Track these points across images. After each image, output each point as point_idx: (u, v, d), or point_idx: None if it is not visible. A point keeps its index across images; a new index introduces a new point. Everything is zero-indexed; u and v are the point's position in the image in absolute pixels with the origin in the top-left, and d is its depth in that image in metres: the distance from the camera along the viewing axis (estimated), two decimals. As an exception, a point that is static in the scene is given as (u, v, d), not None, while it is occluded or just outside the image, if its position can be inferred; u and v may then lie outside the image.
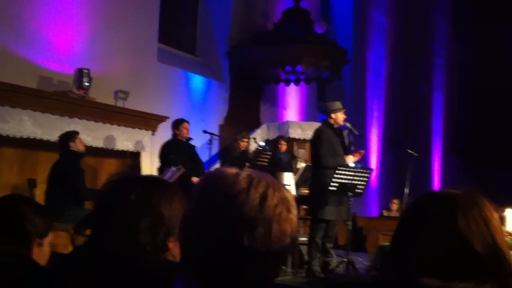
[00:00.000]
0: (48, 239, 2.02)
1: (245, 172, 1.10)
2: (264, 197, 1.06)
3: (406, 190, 9.15)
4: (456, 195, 1.20)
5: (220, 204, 1.05)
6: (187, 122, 7.44)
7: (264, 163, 8.06)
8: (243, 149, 7.95)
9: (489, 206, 1.20)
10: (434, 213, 1.18)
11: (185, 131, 7.33)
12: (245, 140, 7.97)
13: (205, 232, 1.05)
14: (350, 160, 6.21)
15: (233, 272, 1.04)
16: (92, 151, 6.92)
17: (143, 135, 7.78)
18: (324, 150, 6.15)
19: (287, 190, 1.13)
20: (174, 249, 1.50)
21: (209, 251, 1.04)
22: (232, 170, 1.11)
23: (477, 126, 17.85)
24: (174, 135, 7.39)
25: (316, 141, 6.32)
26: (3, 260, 1.79)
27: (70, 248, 5.80)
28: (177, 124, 7.38)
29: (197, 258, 1.07)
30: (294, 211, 1.11)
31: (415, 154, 8.90)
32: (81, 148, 6.06)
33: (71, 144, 5.98)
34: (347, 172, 5.98)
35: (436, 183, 17.30)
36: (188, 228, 1.10)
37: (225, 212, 1.04)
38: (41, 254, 1.98)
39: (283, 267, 6.54)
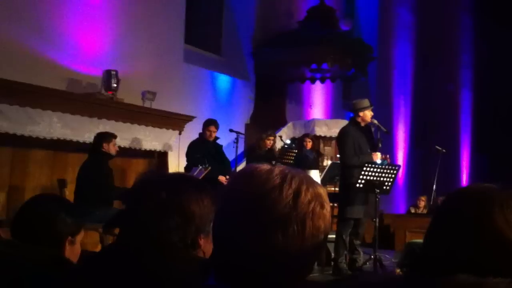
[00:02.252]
0: (80, 236, 2.05)
1: (278, 169, 1.09)
2: (297, 193, 1.05)
3: (434, 187, 9.07)
4: (493, 190, 1.17)
5: (253, 201, 1.04)
6: (215, 126, 7.35)
7: (290, 161, 8.05)
8: (269, 147, 7.95)
9: None
10: (471, 209, 1.16)
11: (208, 133, 7.32)
12: (271, 138, 7.96)
13: (238, 230, 1.04)
14: (378, 157, 6.17)
15: (267, 270, 1.03)
16: (120, 151, 6.99)
17: (170, 135, 7.83)
18: (349, 150, 6.12)
19: (321, 186, 1.12)
20: (205, 246, 1.50)
21: (242, 250, 1.04)
22: (265, 167, 1.09)
23: (505, 123, 17.57)
24: (201, 134, 7.44)
25: (341, 141, 6.31)
26: (35, 259, 1.82)
27: (99, 247, 5.88)
28: (205, 125, 7.41)
29: (229, 257, 1.06)
30: (328, 207, 1.10)
31: (443, 151, 8.82)
32: (113, 151, 6.12)
33: (105, 145, 6.05)
34: (374, 169, 5.95)
35: (464, 180, 17.08)
36: (221, 227, 1.09)
37: (259, 209, 1.03)
38: (73, 252, 2.01)
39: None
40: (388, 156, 6.46)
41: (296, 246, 1.03)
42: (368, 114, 6.26)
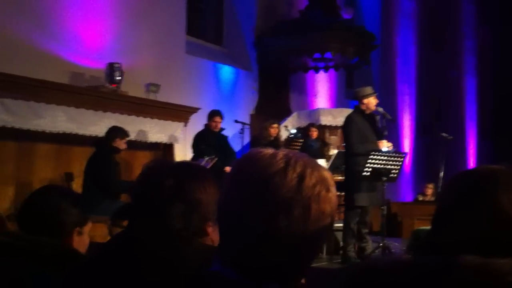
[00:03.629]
0: (88, 227, 2.05)
1: (281, 152, 1.07)
2: (302, 177, 1.04)
3: (441, 174, 9.05)
4: (497, 172, 1.17)
5: (256, 186, 1.03)
6: (220, 116, 7.41)
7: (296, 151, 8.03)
8: (274, 136, 7.92)
9: None
10: (475, 191, 1.15)
11: (213, 124, 7.36)
12: (274, 126, 7.93)
13: (241, 215, 1.03)
14: (384, 145, 6.15)
15: (271, 254, 1.02)
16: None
17: (176, 127, 7.84)
18: (354, 138, 6.11)
19: (326, 170, 1.11)
20: (213, 234, 1.50)
21: (246, 234, 1.03)
22: (268, 151, 1.08)
23: (510, 109, 17.49)
24: (206, 126, 7.45)
25: (346, 129, 6.29)
26: (40, 251, 1.82)
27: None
28: (210, 116, 7.44)
29: (234, 242, 1.06)
30: (334, 190, 1.08)
31: (449, 138, 8.79)
32: (121, 147, 6.20)
33: (117, 140, 6.10)
34: (380, 157, 5.93)
35: (472, 167, 17.02)
36: (225, 212, 1.08)
37: (263, 193, 1.02)
38: (81, 242, 2.01)
39: (319, 254, 6.55)
40: (391, 145, 6.42)
41: (301, 230, 1.02)
42: (372, 101, 6.24)
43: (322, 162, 7.69)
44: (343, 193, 6.29)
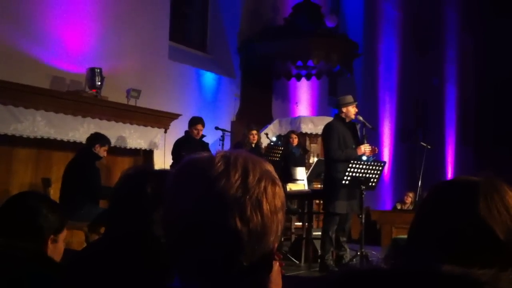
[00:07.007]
0: (63, 235, 2.03)
1: (219, 154, 1.05)
2: (245, 174, 1.01)
3: (419, 183, 9.12)
4: (477, 182, 1.17)
5: (203, 193, 1.00)
6: (202, 124, 7.38)
7: (277, 158, 8.03)
8: (255, 142, 7.88)
9: (510, 192, 1.17)
10: (455, 201, 1.16)
11: (195, 132, 7.33)
12: (253, 132, 7.89)
13: (195, 226, 1.00)
14: (362, 150, 6.16)
15: (237, 259, 1.00)
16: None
17: (156, 133, 7.79)
18: (334, 144, 6.13)
19: (267, 162, 1.08)
20: None
21: (204, 245, 0.99)
22: (204, 155, 1.06)
23: (490, 117, 17.73)
24: (187, 132, 7.42)
25: (326, 135, 6.31)
26: (16, 255, 1.79)
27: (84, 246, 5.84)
28: (191, 123, 7.41)
29: (194, 256, 1.01)
30: (279, 182, 1.07)
31: (428, 147, 8.86)
32: (102, 155, 6.17)
33: (97, 146, 6.07)
34: (360, 166, 5.96)
35: (450, 175, 17.20)
36: (176, 226, 1.03)
37: (210, 201, 0.99)
38: (56, 250, 1.99)
39: (297, 262, 6.55)
40: (376, 148, 6.45)
41: (256, 230, 1.00)
42: (351, 110, 6.27)
43: (302, 170, 7.70)
44: (319, 201, 6.30)
